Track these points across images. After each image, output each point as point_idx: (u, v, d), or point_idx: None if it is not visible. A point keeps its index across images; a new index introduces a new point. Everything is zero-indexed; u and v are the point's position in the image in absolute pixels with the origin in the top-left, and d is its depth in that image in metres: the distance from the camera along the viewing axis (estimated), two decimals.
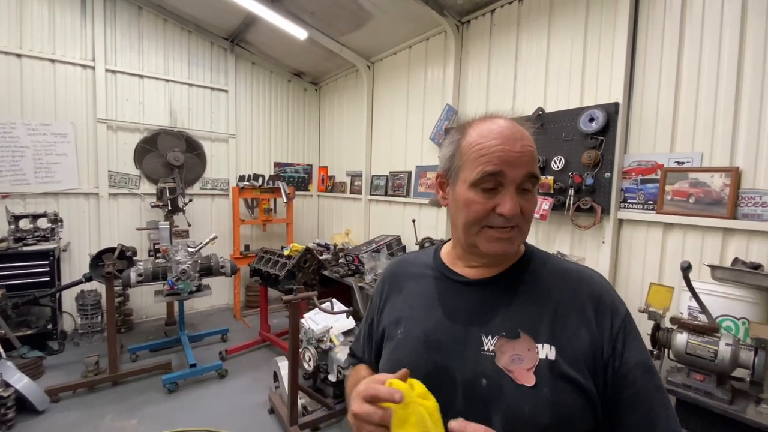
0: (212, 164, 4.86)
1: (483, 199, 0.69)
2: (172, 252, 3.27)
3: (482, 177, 0.68)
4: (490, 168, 0.67)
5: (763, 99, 1.87)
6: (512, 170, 0.67)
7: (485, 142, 0.69)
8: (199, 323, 4.48)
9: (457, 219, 0.75)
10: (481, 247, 0.72)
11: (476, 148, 0.70)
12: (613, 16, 2.41)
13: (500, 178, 0.68)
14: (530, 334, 0.68)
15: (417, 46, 3.91)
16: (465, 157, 0.72)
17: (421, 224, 3.72)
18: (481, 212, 0.69)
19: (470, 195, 0.70)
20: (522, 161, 0.68)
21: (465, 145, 0.73)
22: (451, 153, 0.76)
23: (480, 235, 0.71)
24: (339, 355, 2.73)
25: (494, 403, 0.65)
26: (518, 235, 0.71)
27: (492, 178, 0.68)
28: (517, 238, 0.71)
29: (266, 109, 5.31)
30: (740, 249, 1.95)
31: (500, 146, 0.68)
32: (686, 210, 2.13)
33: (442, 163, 0.79)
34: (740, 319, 1.72)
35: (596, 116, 2.41)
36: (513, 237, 0.70)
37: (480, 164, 0.68)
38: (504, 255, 0.72)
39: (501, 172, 0.67)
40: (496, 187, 0.68)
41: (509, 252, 0.72)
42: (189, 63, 4.62)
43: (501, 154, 0.67)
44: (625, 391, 0.66)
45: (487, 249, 0.71)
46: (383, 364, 0.81)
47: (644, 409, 0.65)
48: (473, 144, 0.71)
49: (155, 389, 3.05)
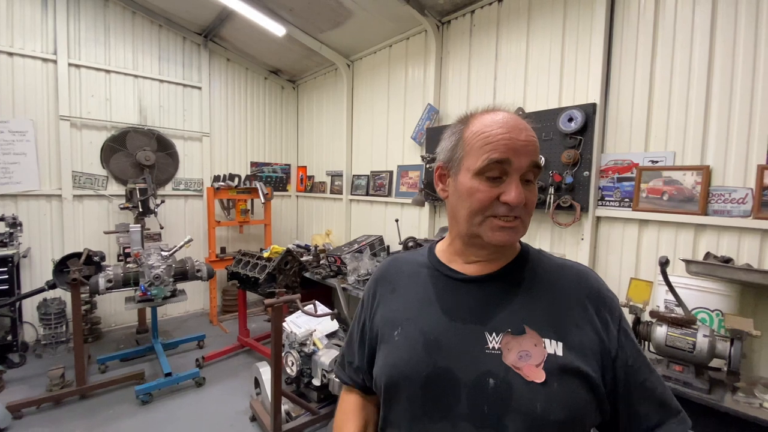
0: (185, 164, 4.68)
1: (487, 188, 0.68)
2: (144, 256, 3.11)
3: (488, 164, 0.67)
4: (496, 155, 0.67)
5: (732, 100, 1.97)
6: (518, 158, 0.67)
7: (490, 130, 0.69)
8: (173, 330, 4.29)
9: (459, 210, 0.73)
10: (485, 238, 0.70)
11: (481, 136, 0.69)
12: (589, 19, 2.47)
13: (506, 166, 0.67)
14: (535, 329, 0.67)
15: (397, 45, 3.90)
16: (469, 147, 0.71)
17: (404, 224, 3.71)
18: (485, 201, 0.68)
19: (474, 183, 0.69)
20: (528, 150, 0.68)
21: (469, 134, 0.72)
22: (453, 143, 0.75)
23: (483, 225, 0.70)
24: (323, 358, 2.68)
25: (504, 403, 0.63)
26: (521, 225, 0.70)
27: (498, 165, 0.67)
28: (520, 229, 0.70)
29: (242, 107, 5.16)
30: (711, 244, 2.04)
31: (506, 134, 0.68)
32: (660, 207, 2.21)
33: (443, 154, 0.78)
34: (714, 311, 1.80)
35: (575, 116, 2.47)
36: (516, 227, 0.69)
37: (486, 152, 0.68)
38: (507, 245, 0.71)
39: (507, 160, 0.67)
40: (500, 176, 0.68)
41: (512, 242, 0.71)
42: (160, 58, 4.43)
43: (507, 142, 0.67)
44: (633, 382, 0.68)
45: (490, 239, 0.69)
46: (379, 368, 0.78)
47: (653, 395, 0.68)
48: (478, 133, 0.70)
49: (128, 401, 2.90)
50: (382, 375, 0.76)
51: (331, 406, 2.76)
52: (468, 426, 0.65)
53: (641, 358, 0.70)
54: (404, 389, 0.72)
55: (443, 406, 0.68)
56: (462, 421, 0.65)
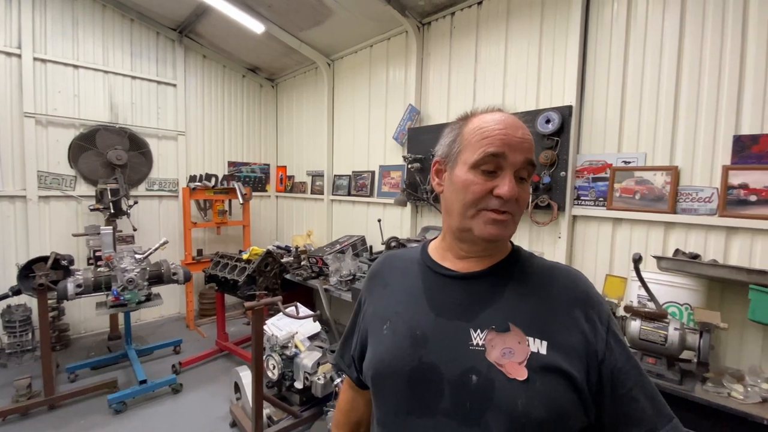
0: (159, 163, 4.53)
1: (482, 181, 0.70)
2: (117, 259, 2.99)
3: (484, 157, 0.69)
4: (492, 149, 0.69)
5: (698, 103, 2.07)
6: (513, 154, 0.69)
7: (488, 126, 0.71)
8: (147, 335, 4.15)
9: (453, 203, 0.74)
10: (476, 231, 0.71)
11: (479, 131, 0.71)
12: (565, 23, 2.55)
13: (501, 160, 0.69)
14: (520, 327, 0.68)
15: (378, 46, 3.90)
16: (466, 141, 0.73)
17: (386, 224, 3.71)
18: (479, 193, 0.69)
19: (469, 176, 0.71)
20: (523, 147, 0.70)
21: (467, 130, 0.74)
22: (452, 139, 0.77)
23: (476, 218, 0.71)
24: (305, 360, 2.64)
25: (486, 399, 0.64)
26: (511, 221, 0.71)
27: (493, 159, 0.69)
28: (510, 225, 0.71)
29: (219, 105, 5.04)
30: (680, 241, 2.14)
31: (503, 130, 0.70)
32: (633, 206, 2.30)
33: (441, 150, 0.80)
34: (684, 305, 1.88)
35: (552, 118, 2.53)
36: (507, 222, 0.70)
37: (482, 146, 0.70)
38: (496, 239, 0.72)
39: (503, 154, 0.69)
40: (495, 171, 0.70)
41: (501, 236, 0.71)
42: (132, 54, 4.26)
43: (504, 137, 0.69)
44: (622, 387, 0.67)
45: (481, 232, 0.70)
46: (368, 361, 0.79)
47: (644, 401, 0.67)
48: (476, 128, 0.72)
49: (100, 411, 2.78)
50: (369, 367, 0.77)
51: (314, 409, 2.73)
52: (450, 422, 0.65)
53: (631, 362, 0.69)
54: (390, 383, 0.72)
55: (427, 401, 0.68)
56: (444, 417, 0.66)
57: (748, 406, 1.51)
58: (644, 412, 0.66)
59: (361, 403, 0.96)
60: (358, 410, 0.97)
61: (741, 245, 1.95)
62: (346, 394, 0.99)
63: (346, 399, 0.99)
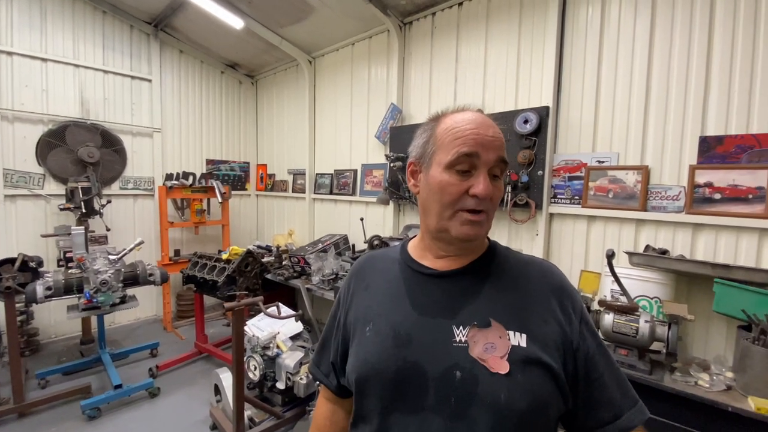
0: (134, 161, 4.38)
1: (457, 181, 0.71)
2: (89, 260, 2.89)
3: (458, 158, 0.70)
4: (465, 149, 0.70)
5: (667, 105, 2.16)
6: (486, 152, 0.70)
7: (461, 126, 0.72)
8: (122, 339, 4.02)
9: (430, 204, 0.75)
10: (453, 231, 0.72)
11: (452, 132, 0.72)
12: (543, 26, 2.61)
13: (474, 159, 0.70)
14: (500, 322, 0.70)
15: (360, 44, 3.89)
16: (440, 142, 0.74)
17: (369, 223, 3.71)
18: (455, 194, 0.71)
19: (444, 177, 0.72)
20: (495, 145, 0.71)
21: (440, 131, 0.75)
22: (425, 140, 0.77)
23: (452, 220, 0.72)
24: (287, 361, 2.62)
25: (470, 394, 0.65)
26: (486, 220, 0.73)
27: (467, 159, 0.70)
28: (486, 224, 0.73)
29: (197, 101, 4.91)
30: (650, 237, 2.23)
31: (475, 129, 0.71)
32: (606, 204, 2.38)
33: (415, 151, 0.80)
34: (653, 299, 1.96)
35: (530, 118, 2.59)
36: (482, 221, 0.72)
37: (456, 146, 0.71)
38: (473, 239, 0.73)
39: (476, 154, 0.70)
40: (469, 170, 0.71)
41: (478, 236, 0.73)
42: (104, 47, 4.11)
43: (476, 137, 0.70)
44: (594, 372, 0.71)
45: (458, 232, 0.72)
46: (351, 364, 0.78)
47: (613, 386, 0.71)
48: (449, 129, 0.73)
49: (73, 417, 2.68)
50: (353, 370, 0.77)
51: (297, 409, 2.72)
52: (435, 417, 0.67)
53: (601, 350, 0.73)
54: (375, 384, 0.73)
55: (412, 398, 0.69)
56: (430, 413, 0.67)
57: (713, 393, 1.60)
58: (612, 395, 0.70)
59: (341, 415, 0.91)
60: (338, 424, 0.91)
61: (706, 241, 2.05)
62: (323, 408, 0.93)
63: (324, 414, 0.93)
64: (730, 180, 1.97)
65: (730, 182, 1.97)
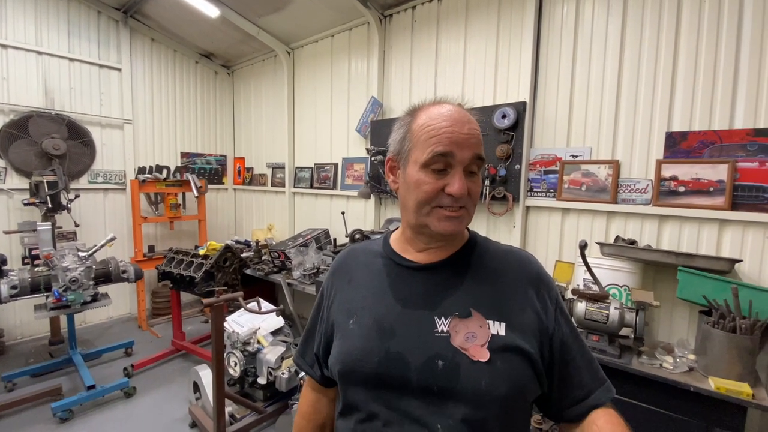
0: (104, 154, 4.21)
1: (433, 180, 0.71)
2: (57, 258, 2.77)
3: (432, 157, 0.70)
4: (440, 148, 0.70)
5: (637, 102, 2.25)
6: (461, 151, 0.70)
7: (435, 123, 0.71)
8: (95, 338, 3.88)
9: (408, 200, 0.76)
10: (432, 227, 0.73)
11: (426, 129, 0.72)
12: (520, 23, 2.66)
13: (449, 158, 0.70)
14: (480, 312, 0.72)
15: (340, 36, 3.85)
16: (416, 139, 0.73)
17: (350, 216, 3.71)
18: (431, 192, 0.71)
19: (421, 176, 0.72)
20: (470, 143, 0.71)
21: (415, 127, 0.74)
22: (402, 136, 0.77)
23: (430, 216, 0.73)
24: (269, 356, 2.61)
25: (452, 382, 0.68)
26: (465, 215, 0.74)
27: (442, 158, 0.70)
28: (465, 219, 0.74)
29: (170, 92, 4.74)
30: (620, 228, 2.33)
31: (450, 128, 0.70)
32: (580, 197, 2.47)
33: (393, 146, 0.80)
34: (623, 287, 2.06)
35: (508, 113, 2.65)
36: (461, 216, 0.73)
37: (430, 145, 0.70)
38: (453, 234, 0.75)
39: (450, 153, 0.70)
40: (445, 168, 0.71)
41: (458, 231, 0.75)
42: (69, 34, 3.90)
43: (450, 135, 0.70)
44: (567, 356, 0.75)
45: (437, 228, 0.73)
46: (334, 356, 0.79)
47: (585, 367, 0.76)
48: (424, 126, 0.73)
49: (43, 420, 2.58)
50: (336, 363, 0.77)
51: (279, 404, 2.71)
52: (418, 404, 0.69)
53: (574, 334, 0.77)
54: (359, 375, 0.74)
55: (395, 388, 0.71)
56: (414, 401, 0.69)
57: (677, 375, 1.70)
58: (583, 377, 0.75)
59: (325, 403, 0.94)
60: (322, 412, 0.94)
61: (671, 231, 2.16)
62: (308, 397, 0.96)
63: (309, 402, 0.95)
64: (694, 174, 2.08)
65: (693, 176, 2.08)
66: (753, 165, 1.94)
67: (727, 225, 2.01)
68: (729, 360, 1.63)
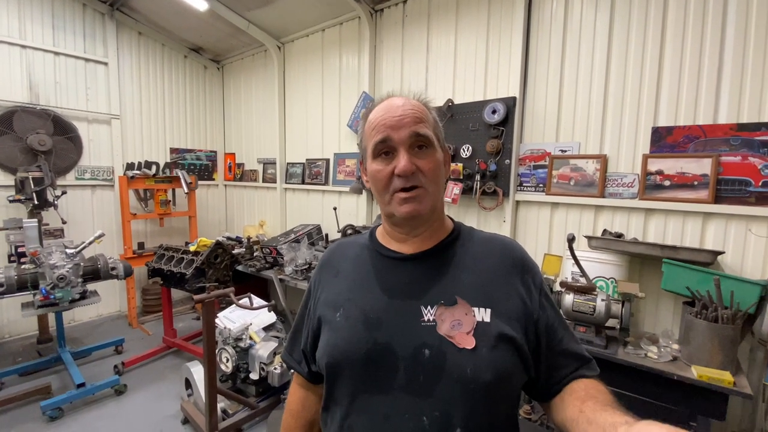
0: (91, 150, 4.14)
1: (383, 166, 0.76)
2: (44, 255, 2.73)
3: (375, 146, 0.76)
4: (378, 137, 0.75)
5: (624, 97, 2.28)
6: (395, 133, 0.74)
7: (375, 117, 0.78)
8: (84, 337, 3.85)
9: (375, 194, 0.81)
10: (396, 213, 0.76)
11: (370, 125, 0.79)
12: (510, 18, 2.67)
13: (390, 143, 0.75)
14: (466, 299, 0.73)
15: (330, 30, 3.83)
16: (366, 137, 0.80)
17: (342, 212, 3.71)
18: (384, 179, 0.75)
19: (374, 166, 0.77)
20: (403, 123, 0.74)
21: (366, 127, 0.81)
22: (360, 138, 0.84)
23: (392, 203, 0.76)
24: (261, 351, 2.61)
25: (438, 370, 0.69)
26: (424, 194, 0.74)
27: (383, 145, 0.75)
28: (425, 197, 0.75)
29: (159, 86, 4.68)
30: (607, 222, 2.37)
31: (383, 116, 0.76)
32: (568, 191, 2.50)
33: (360, 150, 0.86)
34: (609, 279, 2.10)
35: (498, 109, 2.66)
36: (419, 196, 0.74)
37: (372, 137, 0.77)
38: (417, 216, 0.75)
39: (388, 137, 0.75)
40: (390, 153, 0.76)
41: (420, 212, 0.75)
42: (54, 27, 3.82)
43: (384, 122, 0.75)
44: (554, 340, 0.77)
45: (399, 213, 0.75)
46: (322, 349, 0.80)
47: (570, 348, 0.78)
48: (369, 123, 0.79)
49: (32, 419, 2.56)
50: (324, 356, 0.78)
51: (271, 399, 2.72)
52: (405, 395, 0.70)
53: (559, 318, 0.79)
54: (346, 367, 0.74)
55: (382, 379, 0.71)
56: (400, 392, 0.70)
57: (661, 364, 1.74)
58: (568, 358, 0.77)
59: (314, 400, 0.93)
60: (311, 409, 0.93)
61: (656, 224, 2.21)
62: (296, 395, 0.96)
63: (297, 399, 0.95)
64: (679, 168, 2.12)
65: (678, 170, 2.12)
66: (736, 159, 1.98)
67: (710, 218, 2.06)
68: (711, 349, 1.67)
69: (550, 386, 0.77)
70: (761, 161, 1.92)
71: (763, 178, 1.92)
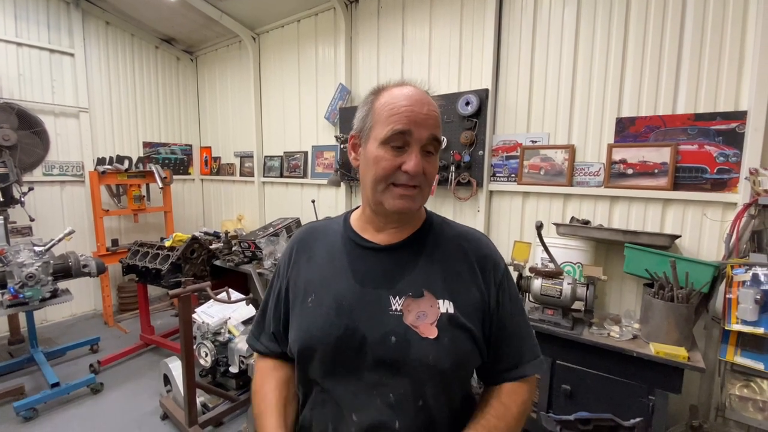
0: (59, 144, 4.00)
1: (391, 156, 0.74)
2: (12, 253, 2.65)
3: (392, 135, 0.73)
4: (399, 126, 0.73)
5: (590, 90, 2.36)
6: (418, 130, 0.73)
7: (396, 102, 0.74)
8: (58, 337, 3.75)
9: (367, 177, 0.79)
10: (386, 205, 0.77)
11: (388, 108, 0.75)
12: (482, 11, 2.70)
13: (407, 137, 0.73)
14: (432, 292, 0.77)
15: (306, 21, 3.79)
16: (377, 117, 0.76)
17: (321, 205, 3.71)
18: (388, 169, 0.74)
19: (380, 152, 0.75)
20: (428, 123, 0.75)
21: (378, 105, 0.77)
22: (365, 114, 0.80)
23: (386, 193, 0.76)
24: (240, 345, 2.62)
25: (403, 356, 0.74)
26: (419, 195, 0.77)
27: (400, 136, 0.73)
28: (419, 198, 0.78)
29: (129, 78, 4.53)
30: (575, 209, 2.46)
31: (410, 107, 0.73)
32: (539, 180, 2.58)
33: (356, 123, 0.82)
34: (576, 264, 2.19)
35: (471, 100, 2.71)
36: (415, 195, 0.76)
37: (390, 123, 0.73)
38: (406, 212, 0.78)
39: (409, 131, 0.73)
40: (403, 146, 0.74)
41: (411, 209, 0.78)
42: (16, 17, 3.65)
43: (410, 114, 0.73)
44: (504, 332, 0.83)
45: (391, 206, 0.76)
46: (293, 333, 0.82)
47: (516, 342, 0.84)
48: (385, 104, 0.76)
49: (6, 420, 2.51)
50: (296, 340, 0.81)
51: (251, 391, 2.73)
52: (373, 375, 0.75)
53: (515, 311, 0.84)
54: (317, 351, 0.78)
55: (352, 360, 0.76)
56: (368, 372, 0.75)
57: (622, 342, 1.83)
58: (514, 351, 0.83)
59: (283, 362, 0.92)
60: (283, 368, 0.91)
61: (621, 211, 2.31)
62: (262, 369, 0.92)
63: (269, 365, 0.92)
64: (641, 157, 2.21)
65: (640, 159, 2.22)
66: (693, 147, 2.09)
67: (669, 204, 2.17)
68: (668, 327, 1.78)
69: (492, 376, 0.85)
70: (716, 149, 2.03)
71: (718, 165, 2.03)
